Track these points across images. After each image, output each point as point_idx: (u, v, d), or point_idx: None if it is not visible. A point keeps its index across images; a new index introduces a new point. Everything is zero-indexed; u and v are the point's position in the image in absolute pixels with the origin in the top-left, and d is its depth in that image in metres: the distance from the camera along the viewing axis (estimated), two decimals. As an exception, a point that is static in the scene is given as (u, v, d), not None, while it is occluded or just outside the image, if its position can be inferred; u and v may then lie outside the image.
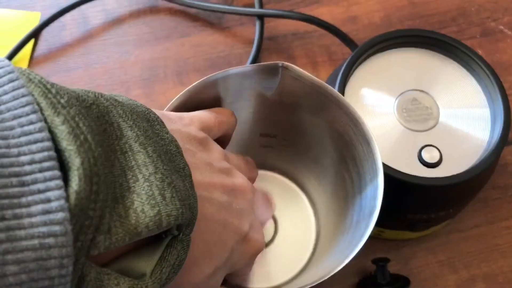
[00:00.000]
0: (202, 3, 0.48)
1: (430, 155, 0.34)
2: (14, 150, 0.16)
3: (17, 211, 0.15)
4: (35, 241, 0.15)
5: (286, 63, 0.29)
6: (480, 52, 0.48)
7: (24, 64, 0.47)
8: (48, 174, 0.16)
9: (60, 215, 0.15)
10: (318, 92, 0.30)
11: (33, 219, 0.15)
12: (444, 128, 0.36)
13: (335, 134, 0.32)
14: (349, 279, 0.39)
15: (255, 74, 0.30)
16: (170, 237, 0.20)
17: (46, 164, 0.16)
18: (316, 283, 0.26)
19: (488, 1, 0.50)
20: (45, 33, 0.48)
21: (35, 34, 0.48)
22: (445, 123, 0.36)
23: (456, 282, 0.39)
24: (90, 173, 0.16)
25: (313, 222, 0.38)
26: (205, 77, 0.30)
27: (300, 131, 0.34)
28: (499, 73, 0.46)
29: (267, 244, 0.38)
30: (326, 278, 0.26)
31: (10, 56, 0.47)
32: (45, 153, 0.16)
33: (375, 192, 0.27)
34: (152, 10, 0.50)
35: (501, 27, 0.49)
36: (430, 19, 0.49)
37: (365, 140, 0.29)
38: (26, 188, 0.15)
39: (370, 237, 0.41)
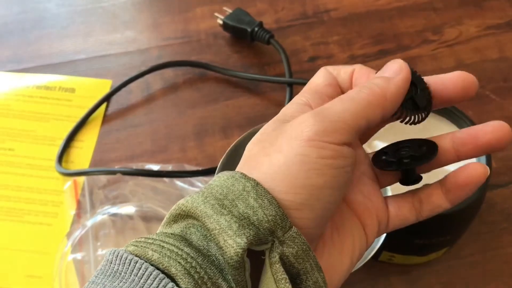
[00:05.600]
0: (242, 74, 0.60)
1: (429, 192, 0.44)
2: None
3: None
4: None
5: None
6: (470, 113, 0.58)
7: (98, 121, 0.58)
8: None
9: None
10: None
11: None
12: (439, 172, 0.45)
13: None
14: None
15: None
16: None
17: None
18: None
19: (475, 70, 0.61)
20: (116, 96, 0.60)
21: (108, 98, 0.59)
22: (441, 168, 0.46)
23: (456, 300, 0.48)
24: None
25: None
26: (248, 131, 0.41)
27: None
28: (487, 130, 0.57)
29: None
30: None
31: (88, 115, 0.58)
32: None
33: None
34: (202, 79, 0.61)
35: (487, 92, 0.60)
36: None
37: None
38: None
39: (383, 262, 0.50)
